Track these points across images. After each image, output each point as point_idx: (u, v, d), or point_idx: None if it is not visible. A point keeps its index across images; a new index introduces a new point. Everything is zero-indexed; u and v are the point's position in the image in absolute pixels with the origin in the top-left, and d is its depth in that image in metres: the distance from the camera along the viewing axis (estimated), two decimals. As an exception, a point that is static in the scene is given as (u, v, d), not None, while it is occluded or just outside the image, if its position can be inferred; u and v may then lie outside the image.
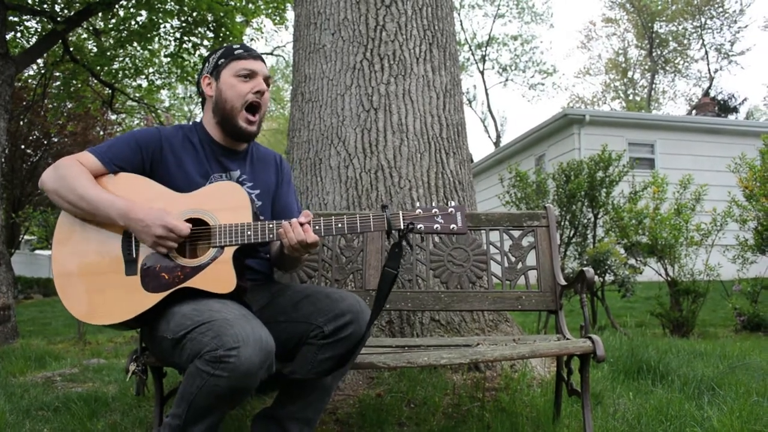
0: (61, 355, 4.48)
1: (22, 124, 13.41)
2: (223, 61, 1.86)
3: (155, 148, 1.81)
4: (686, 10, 25.56)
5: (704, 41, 26.01)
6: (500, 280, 2.39)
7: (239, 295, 1.67)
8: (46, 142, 14.48)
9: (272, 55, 23.37)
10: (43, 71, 10.44)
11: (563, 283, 2.25)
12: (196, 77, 9.23)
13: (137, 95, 11.91)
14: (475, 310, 2.55)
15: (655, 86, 28.59)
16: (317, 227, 1.68)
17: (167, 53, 9.28)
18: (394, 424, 2.26)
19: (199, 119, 1.98)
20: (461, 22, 27.30)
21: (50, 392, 3.03)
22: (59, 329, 7.71)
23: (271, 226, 1.68)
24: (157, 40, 9.05)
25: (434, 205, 1.69)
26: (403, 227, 1.66)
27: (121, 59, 9.55)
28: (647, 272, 5.85)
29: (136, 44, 8.94)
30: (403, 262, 2.36)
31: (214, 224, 1.69)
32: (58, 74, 10.07)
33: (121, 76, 9.79)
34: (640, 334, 4.76)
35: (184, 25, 8.85)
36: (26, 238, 17.56)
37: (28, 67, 8.83)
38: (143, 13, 8.32)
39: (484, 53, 27.82)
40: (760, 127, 12.50)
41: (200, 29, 8.88)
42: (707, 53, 26.27)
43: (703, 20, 25.59)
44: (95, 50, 9.41)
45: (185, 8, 8.44)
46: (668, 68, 27.93)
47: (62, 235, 1.73)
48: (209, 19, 8.65)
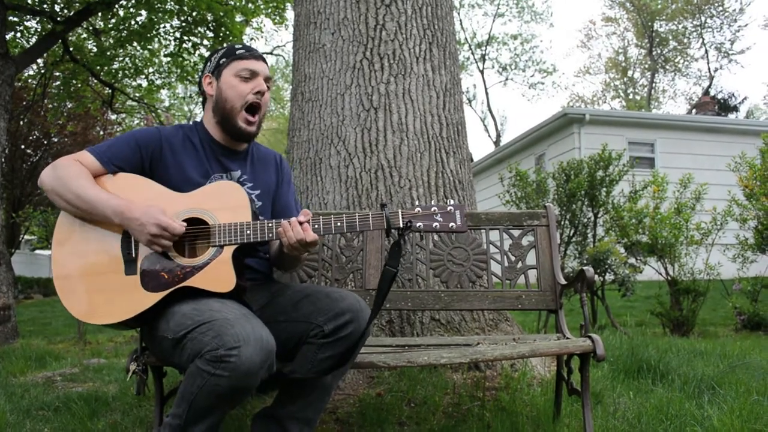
0: (61, 355, 4.48)
1: (22, 124, 13.41)
2: (224, 60, 1.86)
3: (155, 147, 1.81)
4: (686, 9, 25.55)
5: (704, 40, 26.03)
6: (500, 279, 2.39)
7: (239, 294, 1.67)
8: (46, 142, 14.48)
9: (272, 54, 23.36)
10: (43, 71, 10.43)
11: (563, 282, 2.24)
12: (196, 77, 9.29)
13: (137, 95, 11.91)
14: (475, 309, 2.56)
15: (655, 85, 28.61)
16: (316, 226, 1.68)
17: (167, 53, 9.28)
18: (394, 423, 2.26)
19: (199, 119, 1.98)
20: (461, 21, 27.30)
21: (51, 392, 3.03)
22: (59, 329, 7.71)
23: (270, 225, 1.68)
24: (157, 39, 9.05)
25: (433, 203, 1.69)
26: (402, 226, 1.66)
27: (121, 59, 9.55)
28: (647, 271, 5.85)
29: (135, 44, 8.94)
30: (403, 261, 2.36)
31: (213, 223, 1.69)
32: (58, 74, 10.07)
33: (121, 76, 9.79)
34: (640, 333, 4.77)
35: (183, 24, 8.85)
36: (26, 238, 17.57)
37: (28, 67, 8.83)
38: (143, 12, 8.33)
39: (483, 52, 27.83)
40: (760, 125, 12.50)
41: (200, 29, 8.88)
42: (707, 52, 26.30)
43: (703, 19, 25.60)
44: (95, 50, 9.41)
45: (185, 8, 8.44)
46: (668, 67, 27.94)
47: (62, 235, 1.73)
48: (209, 18, 8.65)
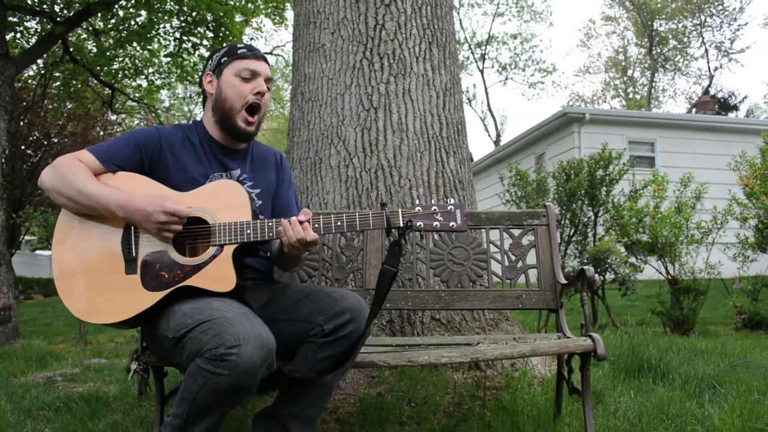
0: (62, 355, 4.48)
1: (22, 124, 13.42)
2: (225, 59, 1.86)
3: (154, 147, 1.81)
4: (686, 8, 25.55)
5: (704, 39, 26.02)
6: (500, 278, 2.39)
7: (239, 293, 1.67)
8: (46, 142, 14.48)
9: (272, 54, 23.35)
10: (42, 71, 10.44)
11: (563, 281, 2.24)
12: (195, 77, 9.29)
13: (137, 95, 11.92)
14: (475, 308, 2.55)
15: (655, 84, 28.61)
16: (316, 225, 1.68)
17: (167, 53, 9.28)
18: (395, 423, 2.26)
19: (199, 118, 1.98)
20: (460, 20, 27.30)
21: (51, 392, 3.03)
22: (60, 329, 7.71)
23: (270, 224, 1.68)
24: (156, 40, 9.05)
25: (434, 203, 1.69)
26: (402, 225, 1.66)
27: (120, 59, 9.55)
28: (648, 270, 5.85)
29: (135, 44, 8.94)
30: (403, 260, 2.36)
31: (213, 223, 1.69)
32: (58, 74, 10.07)
33: (120, 76, 9.80)
34: (640, 332, 4.77)
35: (183, 25, 8.85)
36: (27, 238, 17.56)
37: (28, 67, 8.85)
38: (143, 13, 8.33)
39: (483, 52, 27.83)
40: (760, 124, 12.48)
41: (200, 29, 8.88)
42: (707, 51, 26.29)
43: (702, 18, 25.59)
44: (95, 50, 9.42)
45: (185, 8, 8.44)
46: (668, 66, 27.93)
47: (61, 234, 1.73)
48: (209, 18, 8.65)
